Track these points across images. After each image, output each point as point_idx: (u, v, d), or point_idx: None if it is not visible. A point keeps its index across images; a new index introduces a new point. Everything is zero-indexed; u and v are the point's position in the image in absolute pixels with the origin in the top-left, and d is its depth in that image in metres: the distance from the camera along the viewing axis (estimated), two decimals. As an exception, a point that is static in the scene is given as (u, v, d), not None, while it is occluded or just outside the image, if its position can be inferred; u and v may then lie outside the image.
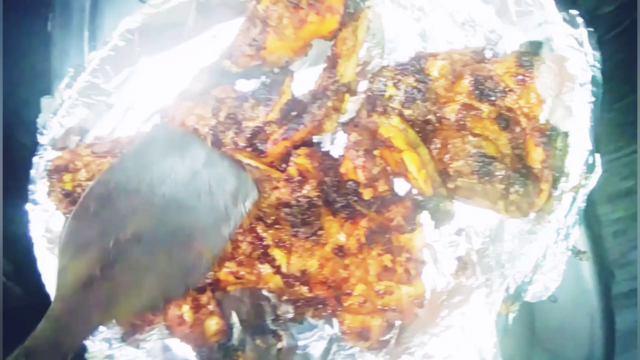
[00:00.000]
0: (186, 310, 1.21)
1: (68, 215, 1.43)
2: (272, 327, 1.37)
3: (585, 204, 1.04)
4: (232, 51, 1.32)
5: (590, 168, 0.99)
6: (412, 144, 1.04)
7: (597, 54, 0.97)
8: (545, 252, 1.00)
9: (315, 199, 1.01)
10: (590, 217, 1.18)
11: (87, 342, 1.47)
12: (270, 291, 1.24)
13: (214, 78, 1.38)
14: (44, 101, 1.57)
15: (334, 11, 1.22)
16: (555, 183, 1.00)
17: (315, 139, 1.26)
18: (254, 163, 1.17)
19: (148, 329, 1.43)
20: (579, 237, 1.06)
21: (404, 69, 1.11)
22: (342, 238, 1.05)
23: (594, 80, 0.97)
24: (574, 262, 1.13)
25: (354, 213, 1.04)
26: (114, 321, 1.35)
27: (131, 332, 1.43)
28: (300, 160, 1.03)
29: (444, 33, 1.19)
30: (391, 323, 1.16)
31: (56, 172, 1.44)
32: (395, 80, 1.12)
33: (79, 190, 1.41)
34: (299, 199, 1.01)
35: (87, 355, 1.47)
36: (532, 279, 1.02)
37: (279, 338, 1.35)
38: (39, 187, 1.53)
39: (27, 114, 1.59)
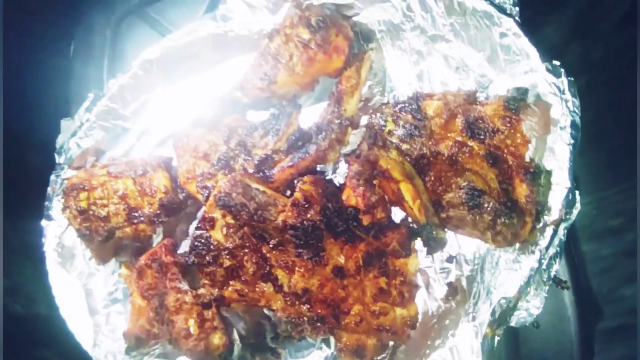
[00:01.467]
0: (192, 324, 1.28)
1: (81, 231, 1.51)
2: (272, 344, 1.43)
3: (566, 238, 1.13)
4: (244, 83, 1.42)
5: (571, 203, 1.08)
6: (408, 175, 1.13)
7: (577, 101, 1.08)
8: (529, 279, 1.08)
9: (318, 222, 1.10)
10: (573, 252, 1.26)
11: (92, 354, 1.54)
12: (271, 309, 1.31)
13: (226, 107, 1.49)
14: (64, 123, 1.66)
15: (339, 52, 1.33)
16: (538, 216, 1.09)
17: (319, 167, 1.36)
18: (261, 188, 1.26)
19: (152, 343, 1.50)
20: (559, 269, 1.14)
21: (402, 107, 1.22)
22: (341, 260, 1.13)
23: (573, 125, 1.08)
24: (555, 291, 1.21)
25: (353, 237, 1.12)
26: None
27: (135, 345, 1.50)
28: (305, 187, 1.12)
29: (439, 75, 1.30)
30: (385, 343, 1.23)
31: (72, 189, 1.52)
32: (395, 117, 1.22)
33: (93, 208, 1.50)
34: (304, 222, 1.09)
35: (93, 367, 1.53)
36: (516, 305, 1.10)
37: (277, 356, 1.42)
38: (55, 204, 1.62)
39: (42, 135, 1.68)
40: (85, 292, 1.61)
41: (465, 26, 1.22)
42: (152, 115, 1.64)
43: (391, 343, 1.27)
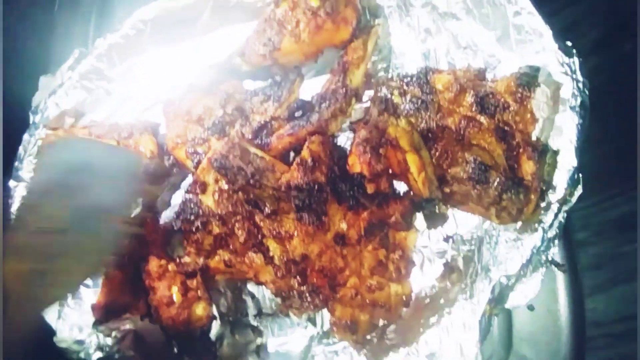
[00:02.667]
0: (175, 291, 1.21)
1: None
2: (254, 323, 1.37)
3: (565, 221, 1.13)
4: (245, 49, 1.38)
5: (575, 183, 1.08)
6: (416, 146, 1.11)
7: (587, 82, 1.09)
8: (531, 257, 1.07)
9: (324, 184, 1.06)
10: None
11: (56, 327, 1.43)
12: (259, 282, 1.26)
13: (222, 75, 1.43)
14: (43, 80, 1.56)
15: (347, 22, 1.31)
16: (542, 195, 1.09)
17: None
18: (259, 153, 1.21)
19: (123, 317, 1.41)
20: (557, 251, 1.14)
21: (410, 81, 1.20)
22: (344, 226, 1.09)
23: (582, 105, 1.08)
24: (551, 275, 1.21)
25: (357, 204, 1.09)
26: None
27: (104, 319, 1.40)
28: (314, 146, 1.08)
29: (447, 54, 1.29)
30: (376, 323, 1.20)
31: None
32: (401, 90, 1.20)
33: (71, 169, 1.41)
34: (310, 182, 1.05)
35: (55, 339, 1.42)
36: (514, 285, 1.09)
37: (259, 334, 1.36)
38: (25, 165, 1.51)
39: (23, 92, 1.57)
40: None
41: (478, 3, 1.22)
42: (140, 79, 1.56)
43: (381, 322, 1.23)
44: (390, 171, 1.13)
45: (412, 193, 1.15)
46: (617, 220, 1.28)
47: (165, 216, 1.47)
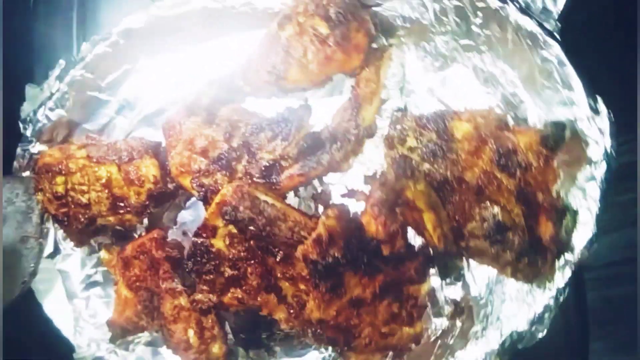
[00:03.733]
0: (192, 335, 1.23)
1: (57, 217, 1.39)
2: (267, 342, 1.42)
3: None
4: (248, 73, 1.28)
5: (592, 246, 1.07)
6: (433, 205, 1.08)
7: (615, 144, 1.03)
8: (543, 315, 1.09)
9: (341, 259, 1.04)
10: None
11: (75, 343, 1.47)
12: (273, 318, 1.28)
13: (223, 94, 1.34)
14: (29, 90, 1.46)
15: (359, 50, 1.21)
16: (559, 255, 1.08)
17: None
18: (270, 201, 1.17)
19: (139, 332, 1.45)
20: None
21: (427, 123, 1.13)
22: (359, 291, 1.09)
23: (609, 168, 1.04)
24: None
25: (372, 269, 1.08)
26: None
27: (120, 335, 1.45)
28: (330, 222, 1.05)
29: (465, 85, 1.21)
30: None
31: (46, 171, 1.38)
32: (417, 133, 1.14)
33: (72, 194, 1.37)
34: (326, 258, 1.03)
35: (75, 356, 1.48)
36: (525, 336, 1.12)
37: (272, 354, 1.41)
38: (22, 179, 1.46)
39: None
40: (62, 274, 1.51)
41: (503, 41, 1.12)
42: (133, 87, 1.47)
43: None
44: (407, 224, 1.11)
45: (426, 247, 1.14)
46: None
47: (172, 234, 1.46)
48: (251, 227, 1.15)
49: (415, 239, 1.18)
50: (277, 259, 1.18)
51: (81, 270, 1.52)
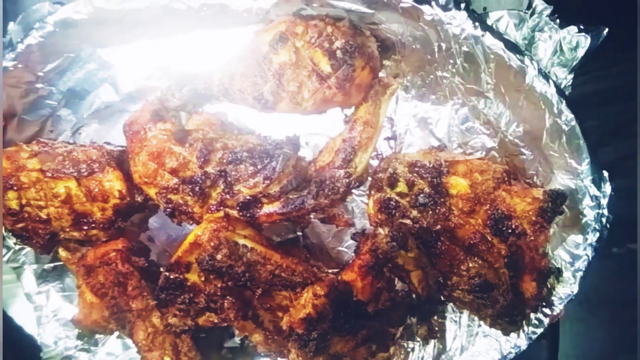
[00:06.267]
0: (168, 363, 1.22)
1: (15, 232, 1.26)
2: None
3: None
4: (233, 92, 1.12)
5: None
6: (422, 265, 1.06)
7: (611, 217, 1.01)
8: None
9: (328, 329, 1.02)
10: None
11: (42, 343, 1.43)
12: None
13: (196, 99, 1.19)
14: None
15: (361, 89, 1.07)
16: (538, 309, 1.11)
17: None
18: (249, 245, 1.10)
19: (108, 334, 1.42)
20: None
21: (421, 172, 1.05)
22: (341, 347, 1.09)
23: (601, 237, 1.03)
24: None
25: (357, 330, 1.07)
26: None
27: (88, 333, 1.42)
28: (319, 301, 1.00)
29: (463, 125, 1.12)
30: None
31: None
32: (409, 180, 1.07)
33: (28, 209, 1.23)
34: (314, 333, 1.01)
35: (42, 355, 1.44)
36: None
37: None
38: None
39: None
40: (15, 271, 1.41)
41: (514, 93, 1.01)
42: (79, 79, 1.26)
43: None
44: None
45: (409, 296, 1.13)
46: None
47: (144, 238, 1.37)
48: (230, 274, 1.09)
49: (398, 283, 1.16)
50: (256, 295, 1.14)
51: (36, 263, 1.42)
